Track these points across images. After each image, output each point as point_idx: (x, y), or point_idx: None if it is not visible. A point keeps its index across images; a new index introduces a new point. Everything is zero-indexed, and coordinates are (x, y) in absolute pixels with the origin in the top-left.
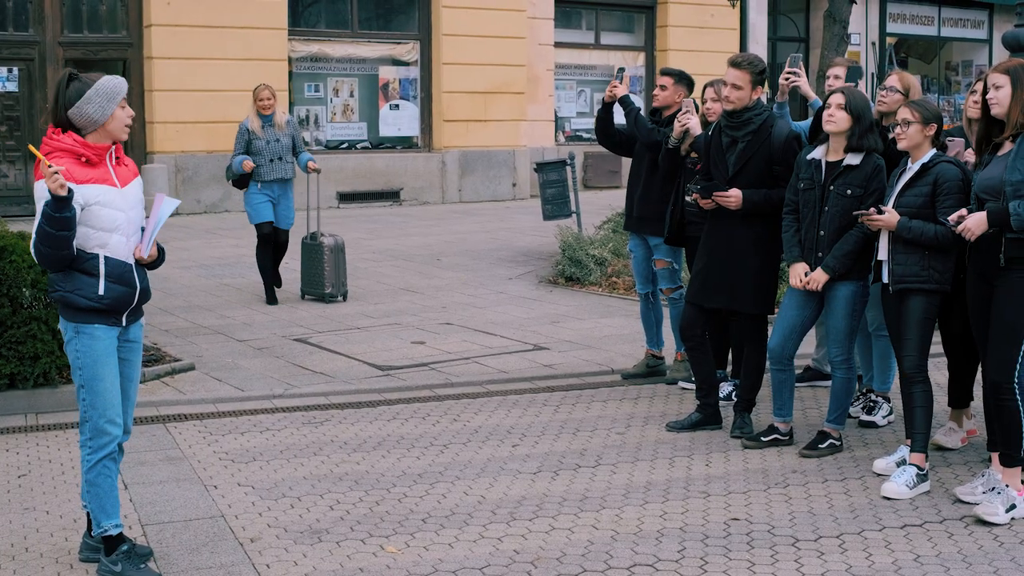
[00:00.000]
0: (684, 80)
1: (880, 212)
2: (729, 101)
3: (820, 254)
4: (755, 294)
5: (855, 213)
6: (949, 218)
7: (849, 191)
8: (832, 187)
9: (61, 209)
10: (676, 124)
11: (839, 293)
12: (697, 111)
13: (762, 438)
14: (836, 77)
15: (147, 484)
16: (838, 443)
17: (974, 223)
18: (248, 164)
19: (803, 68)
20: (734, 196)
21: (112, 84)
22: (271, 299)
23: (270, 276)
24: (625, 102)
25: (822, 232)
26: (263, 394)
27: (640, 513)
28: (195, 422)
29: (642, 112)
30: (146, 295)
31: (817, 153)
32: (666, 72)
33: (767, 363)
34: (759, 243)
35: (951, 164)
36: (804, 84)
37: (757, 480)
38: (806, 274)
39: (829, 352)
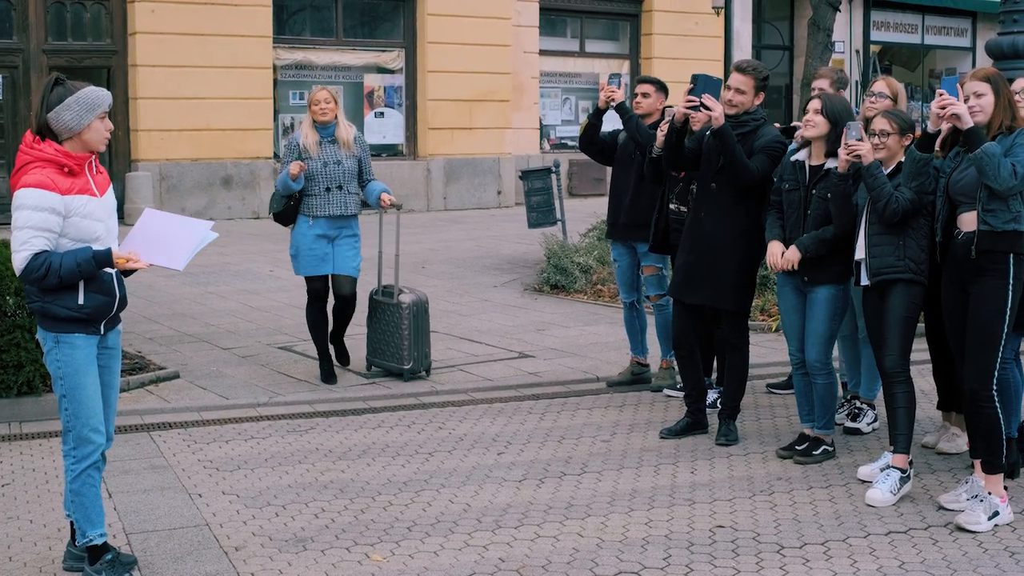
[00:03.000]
0: (663, 88)
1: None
2: (731, 105)
3: None
4: (735, 292)
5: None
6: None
7: (830, 195)
8: (814, 191)
9: (102, 269)
10: (659, 133)
11: (819, 296)
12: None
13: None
14: (821, 89)
15: (131, 493)
16: (831, 449)
17: (948, 113)
18: (296, 167)
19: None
20: (719, 110)
21: (94, 95)
22: (327, 376)
23: (326, 343)
24: (623, 108)
25: (805, 235)
26: (248, 402)
27: (625, 521)
28: (179, 430)
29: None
30: (124, 303)
31: (801, 155)
32: (646, 80)
33: (792, 372)
34: (741, 239)
35: None
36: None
37: (742, 487)
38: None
39: (808, 356)
